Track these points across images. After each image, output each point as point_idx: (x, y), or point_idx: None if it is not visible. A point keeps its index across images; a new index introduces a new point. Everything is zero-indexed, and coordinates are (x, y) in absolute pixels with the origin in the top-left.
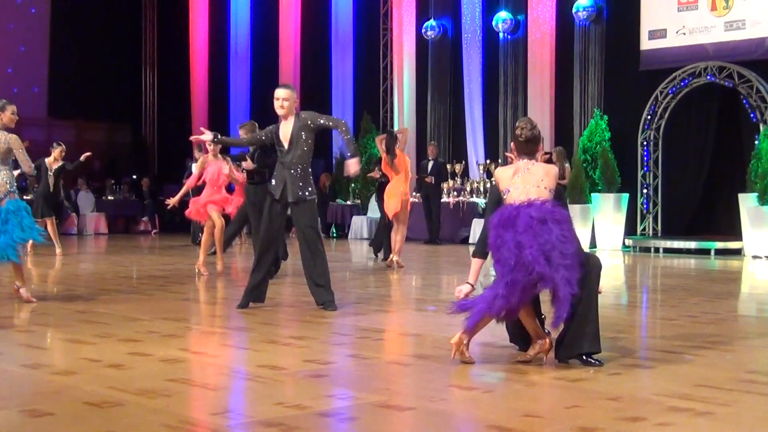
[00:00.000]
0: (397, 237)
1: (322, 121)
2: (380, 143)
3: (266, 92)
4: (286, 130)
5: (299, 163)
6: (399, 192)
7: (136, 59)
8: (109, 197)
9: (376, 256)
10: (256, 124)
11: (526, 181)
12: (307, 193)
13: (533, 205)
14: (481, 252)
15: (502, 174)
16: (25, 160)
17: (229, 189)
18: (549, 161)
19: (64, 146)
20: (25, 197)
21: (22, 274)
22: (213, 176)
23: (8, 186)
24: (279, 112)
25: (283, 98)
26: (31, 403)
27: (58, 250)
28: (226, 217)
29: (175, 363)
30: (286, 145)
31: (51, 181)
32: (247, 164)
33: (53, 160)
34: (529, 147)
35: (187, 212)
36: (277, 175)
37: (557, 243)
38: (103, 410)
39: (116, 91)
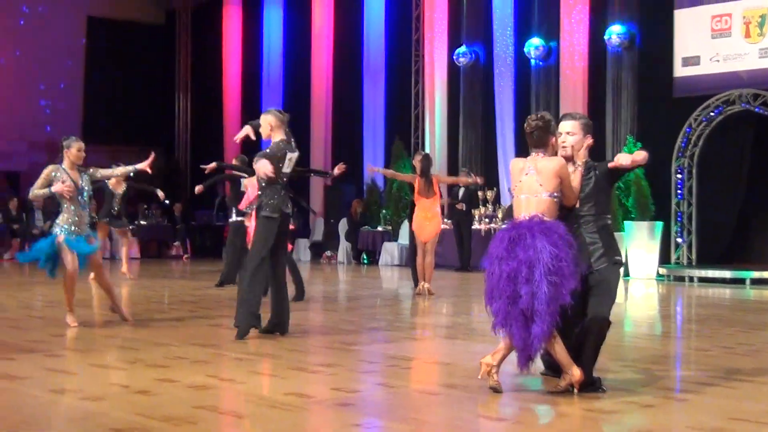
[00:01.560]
0: (426, 262)
1: None
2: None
3: (299, 118)
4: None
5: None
6: (436, 215)
7: (169, 84)
8: (142, 222)
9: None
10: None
11: (529, 186)
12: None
13: (516, 224)
14: None
15: (514, 166)
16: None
17: None
18: None
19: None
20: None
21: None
22: None
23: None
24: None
25: None
26: (58, 429)
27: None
28: None
29: (203, 390)
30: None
31: (117, 204)
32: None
33: (116, 183)
34: (536, 139)
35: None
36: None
37: (541, 257)
38: None
39: (150, 116)
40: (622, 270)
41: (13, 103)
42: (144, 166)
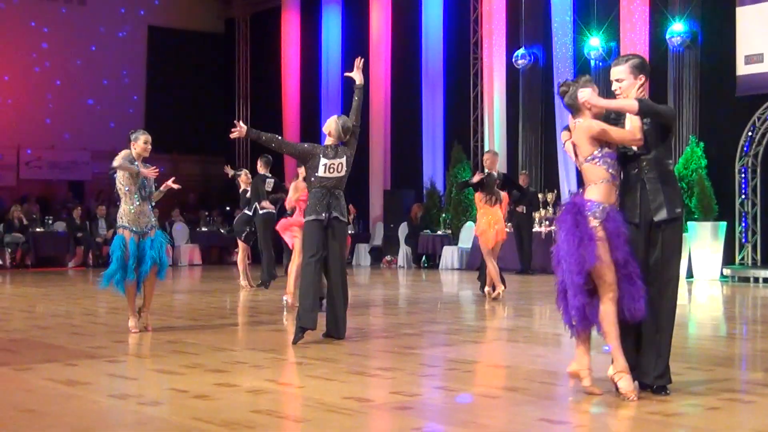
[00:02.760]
0: (489, 267)
1: None
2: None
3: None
4: None
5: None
6: (501, 220)
7: (230, 93)
8: (203, 228)
9: (483, 290)
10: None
11: (575, 157)
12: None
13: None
14: None
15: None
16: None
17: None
18: None
19: (247, 171)
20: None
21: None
22: None
23: (153, 219)
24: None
25: None
26: None
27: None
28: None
29: (261, 394)
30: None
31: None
32: None
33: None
34: (568, 107)
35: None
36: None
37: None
38: None
39: (210, 125)
40: (681, 225)
41: (76, 113)
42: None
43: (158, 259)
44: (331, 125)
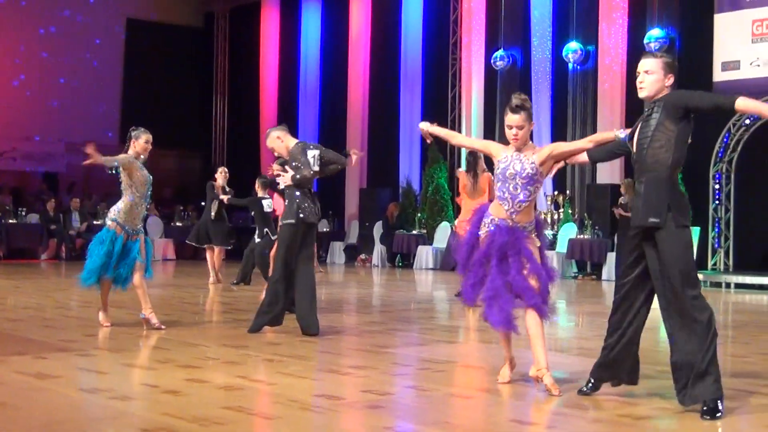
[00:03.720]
0: None
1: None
2: (462, 176)
3: (335, 124)
4: None
5: None
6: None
7: (207, 88)
8: (178, 223)
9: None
10: None
11: None
12: None
13: None
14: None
15: None
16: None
17: None
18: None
19: (225, 168)
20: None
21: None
22: None
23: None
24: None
25: None
26: (86, 429)
27: (210, 279)
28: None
29: (233, 390)
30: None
31: (215, 207)
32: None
33: (220, 185)
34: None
35: None
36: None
37: None
38: None
39: (187, 120)
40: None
41: (51, 104)
42: None
43: (144, 261)
44: (281, 148)
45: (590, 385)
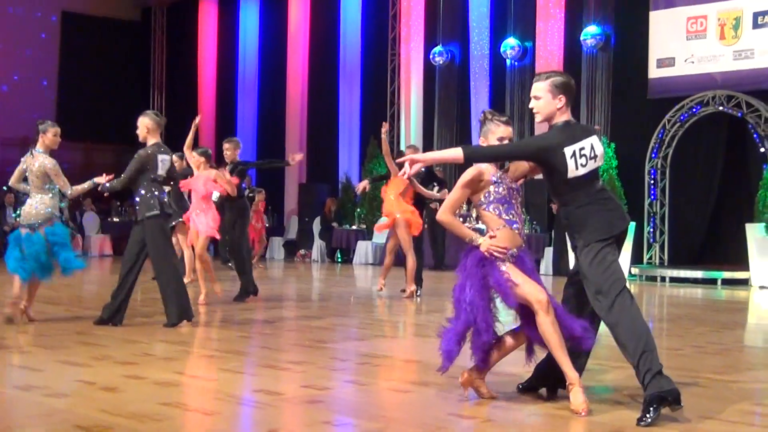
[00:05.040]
0: (410, 262)
1: None
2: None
3: (274, 119)
4: None
5: None
6: (404, 209)
7: (144, 83)
8: (115, 219)
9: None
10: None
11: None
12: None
13: None
14: None
15: None
16: (63, 184)
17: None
18: None
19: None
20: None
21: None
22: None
23: (46, 212)
24: None
25: None
26: (20, 427)
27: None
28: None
29: (170, 387)
30: None
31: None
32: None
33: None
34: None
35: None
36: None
37: None
38: None
39: (124, 114)
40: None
41: None
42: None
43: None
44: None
45: (528, 383)
